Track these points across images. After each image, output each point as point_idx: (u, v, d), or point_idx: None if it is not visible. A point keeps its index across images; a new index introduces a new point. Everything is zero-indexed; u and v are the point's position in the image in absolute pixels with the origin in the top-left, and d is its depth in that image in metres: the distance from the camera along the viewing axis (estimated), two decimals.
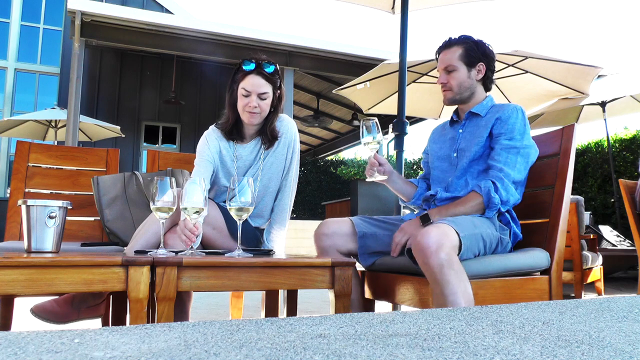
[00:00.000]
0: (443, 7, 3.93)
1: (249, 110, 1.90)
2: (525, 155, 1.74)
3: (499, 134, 1.77)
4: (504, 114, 1.79)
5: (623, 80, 6.09)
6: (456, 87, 1.87)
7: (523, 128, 1.76)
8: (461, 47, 1.87)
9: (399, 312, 0.93)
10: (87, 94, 9.03)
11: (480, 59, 1.88)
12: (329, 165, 13.68)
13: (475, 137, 1.82)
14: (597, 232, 5.23)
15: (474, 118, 1.88)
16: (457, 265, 1.45)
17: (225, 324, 0.77)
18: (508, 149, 1.73)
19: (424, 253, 1.47)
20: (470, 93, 1.89)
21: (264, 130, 2.00)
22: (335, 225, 1.87)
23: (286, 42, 7.40)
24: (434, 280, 1.46)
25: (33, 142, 2.68)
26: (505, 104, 1.86)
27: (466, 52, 1.87)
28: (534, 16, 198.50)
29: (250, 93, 1.89)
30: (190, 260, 1.34)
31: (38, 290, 1.23)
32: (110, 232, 2.25)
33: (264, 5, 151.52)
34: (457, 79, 1.87)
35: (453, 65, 1.86)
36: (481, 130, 1.82)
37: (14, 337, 0.66)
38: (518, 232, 1.77)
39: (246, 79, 1.89)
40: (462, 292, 1.43)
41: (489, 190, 1.68)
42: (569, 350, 0.67)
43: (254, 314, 2.89)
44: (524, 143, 1.74)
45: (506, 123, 1.77)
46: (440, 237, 1.46)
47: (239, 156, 2.03)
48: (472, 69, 1.87)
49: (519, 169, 1.72)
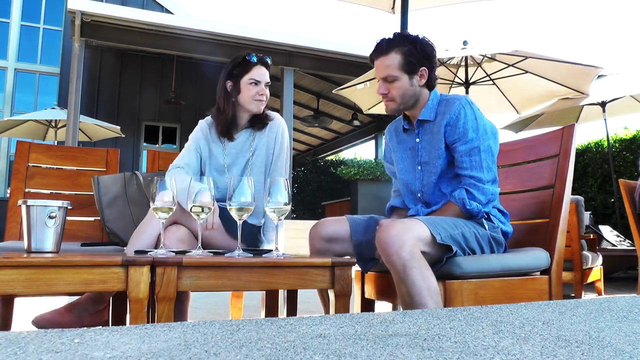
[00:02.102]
0: (443, 7, 3.93)
1: (259, 99, 2.03)
2: (487, 150, 1.68)
3: (454, 141, 1.69)
4: (451, 117, 1.69)
5: (623, 80, 6.09)
6: (399, 98, 1.74)
7: (475, 122, 1.67)
8: (399, 54, 1.71)
9: (399, 312, 0.93)
10: (87, 94, 9.03)
11: (422, 63, 1.73)
12: (329, 165, 13.67)
13: (434, 149, 1.74)
14: (597, 232, 5.22)
15: (426, 124, 1.78)
16: (419, 262, 1.43)
17: (225, 324, 0.77)
18: (469, 153, 1.67)
19: (385, 252, 1.46)
20: (414, 100, 1.76)
21: (255, 117, 2.09)
22: (332, 228, 1.82)
23: (286, 42, 7.40)
24: (397, 279, 1.46)
25: (33, 142, 2.68)
26: (450, 99, 1.74)
27: (406, 60, 1.71)
28: (534, 16, 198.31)
29: (260, 82, 2.02)
30: (190, 260, 1.34)
31: (38, 290, 1.23)
32: (110, 232, 2.25)
33: (264, 5, 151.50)
34: (400, 89, 1.73)
35: (392, 75, 1.72)
36: (436, 138, 1.74)
37: (14, 337, 0.66)
38: (507, 229, 1.75)
39: (254, 70, 2.02)
40: (427, 289, 1.42)
41: (464, 201, 1.66)
42: (569, 350, 0.67)
43: (254, 314, 2.89)
44: (481, 138, 1.67)
45: (456, 127, 1.67)
46: (402, 233, 1.45)
47: (228, 150, 2.08)
48: (414, 76, 1.73)
49: (487, 167, 1.68)
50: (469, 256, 1.61)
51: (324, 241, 1.81)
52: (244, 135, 2.10)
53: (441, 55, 5.08)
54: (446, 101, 1.75)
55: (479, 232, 1.65)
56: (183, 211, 1.76)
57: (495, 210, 1.74)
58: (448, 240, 1.52)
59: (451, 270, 1.53)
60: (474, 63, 5.41)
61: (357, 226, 1.82)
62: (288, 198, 1.51)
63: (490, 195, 1.68)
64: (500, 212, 1.77)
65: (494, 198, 1.71)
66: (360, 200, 8.24)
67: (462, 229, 1.60)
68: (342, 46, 7.69)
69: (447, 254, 1.54)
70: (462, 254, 1.58)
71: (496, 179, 1.73)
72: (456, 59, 5.45)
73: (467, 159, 1.68)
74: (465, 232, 1.61)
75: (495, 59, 5.26)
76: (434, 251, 1.53)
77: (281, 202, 1.49)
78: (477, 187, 1.66)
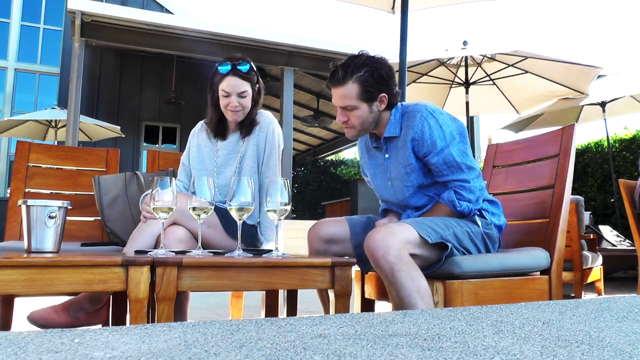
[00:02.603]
0: (443, 7, 3.93)
1: (231, 110, 2.00)
2: (460, 152, 1.65)
3: (425, 154, 1.66)
4: (415, 132, 1.65)
5: (623, 80, 6.09)
6: (359, 125, 1.71)
7: (441, 131, 1.64)
8: (356, 84, 1.65)
9: (399, 312, 0.93)
10: (87, 94, 9.03)
11: (380, 90, 1.67)
12: (329, 165, 13.67)
13: (402, 165, 1.72)
14: (597, 232, 5.22)
15: (393, 140, 1.75)
16: (407, 264, 1.44)
17: (225, 324, 0.77)
18: (444, 162, 1.65)
19: (373, 258, 1.48)
20: (375, 123, 1.73)
21: (243, 121, 2.09)
22: (331, 229, 1.82)
23: (286, 42, 7.39)
24: (387, 283, 1.47)
25: (33, 142, 2.68)
26: (411, 112, 1.70)
27: (363, 89, 1.65)
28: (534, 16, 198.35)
29: (229, 94, 1.98)
30: (190, 260, 1.34)
31: (38, 290, 1.23)
32: (110, 232, 2.25)
33: (264, 5, 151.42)
34: (359, 117, 1.69)
35: (351, 105, 1.67)
36: (402, 154, 1.71)
37: (14, 337, 0.66)
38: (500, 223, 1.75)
39: (224, 81, 1.98)
40: (417, 290, 1.43)
41: (454, 203, 1.66)
42: (569, 350, 0.67)
43: (254, 314, 2.89)
44: (450, 144, 1.64)
45: (422, 140, 1.65)
46: (386, 237, 1.46)
47: (219, 151, 2.10)
48: (373, 103, 1.68)
49: (467, 166, 1.66)
50: (468, 256, 1.61)
51: (322, 242, 1.81)
52: (234, 137, 2.11)
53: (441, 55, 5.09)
54: (408, 114, 1.71)
55: (472, 230, 1.65)
56: (183, 211, 1.76)
57: (486, 204, 1.74)
58: (439, 240, 1.52)
59: (451, 270, 1.53)
60: (474, 63, 5.41)
61: (356, 227, 1.83)
62: (288, 198, 1.50)
63: (478, 191, 1.68)
64: (491, 202, 1.76)
65: (482, 193, 1.70)
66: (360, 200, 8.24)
67: (453, 229, 1.60)
68: (342, 46, 7.68)
69: (443, 253, 1.54)
70: (457, 254, 1.58)
71: (479, 172, 1.71)
72: (456, 59, 5.45)
73: (444, 168, 1.66)
74: (458, 231, 1.60)
75: (495, 59, 5.26)
76: (428, 252, 1.53)
77: (281, 202, 1.49)
78: (464, 187, 1.66)
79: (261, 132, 2.10)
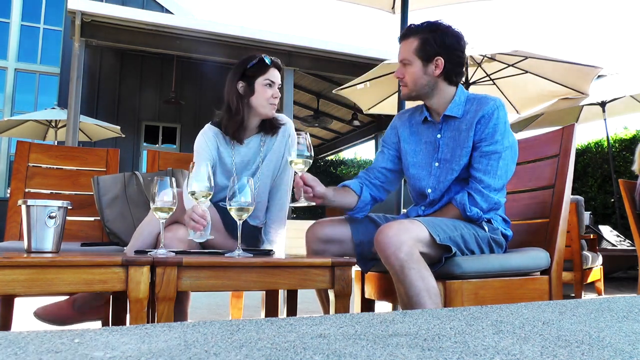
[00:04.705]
0: (443, 7, 3.92)
1: (273, 102, 1.98)
2: (507, 158, 1.65)
3: (480, 139, 1.65)
4: (485, 114, 1.64)
5: (623, 80, 6.09)
6: (411, 84, 1.71)
7: (504, 127, 1.64)
8: (417, 39, 1.68)
9: (399, 312, 0.93)
10: (87, 94, 9.02)
11: (438, 53, 1.67)
12: (329, 165, 13.66)
13: (460, 147, 1.68)
14: (597, 232, 5.22)
15: (451, 120, 1.72)
16: (417, 263, 1.43)
17: (225, 324, 0.77)
18: (489, 155, 1.63)
19: (383, 253, 1.46)
20: (429, 90, 1.71)
21: (267, 121, 2.04)
22: (329, 230, 1.79)
23: (286, 42, 7.39)
24: (396, 280, 1.45)
25: (33, 142, 2.68)
26: (482, 98, 1.69)
27: (422, 46, 1.67)
28: (534, 16, 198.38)
29: (274, 83, 1.98)
30: (190, 260, 1.34)
31: (38, 290, 1.23)
32: (110, 232, 2.26)
33: (264, 5, 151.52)
34: (412, 75, 1.70)
35: (407, 59, 1.69)
36: (464, 136, 1.68)
37: (14, 337, 0.66)
38: (507, 233, 1.74)
39: (269, 72, 1.97)
40: (426, 289, 1.42)
41: (465, 206, 1.64)
42: (569, 350, 0.67)
43: (254, 314, 2.88)
44: (505, 145, 1.64)
45: (487, 126, 1.63)
46: (399, 233, 1.44)
47: (237, 154, 2.03)
48: (428, 64, 1.68)
49: (500, 175, 1.64)
50: (469, 256, 1.60)
51: (321, 243, 1.79)
52: (254, 140, 2.04)
53: None
54: (478, 100, 1.70)
55: (478, 234, 1.64)
56: (183, 211, 1.75)
57: (497, 216, 1.72)
58: (447, 241, 1.51)
59: (451, 270, 1.53)
60: (474, 63, 5.41)
61: (357, 226, 1.81)
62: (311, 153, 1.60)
63: (493, 204, 1.65)
64: (503, 219, 1.75)
65: (497, 207, 1.68)
66: None
67: (461, 230, 1.60)
68: (342, 46, 7.68)
69: (446, 254, 1.53)
70: (460, 255, 1.58)
71: (504, 188, 1.69)
72: None
73: (484, 161, 1.64)
74: (465, 233, 1.60)
75: (495, 59, 5.26)
76: (434, 252, 1.53)
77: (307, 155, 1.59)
78: (482, 193, 1.63)
79: (283, 137, 2.05)
